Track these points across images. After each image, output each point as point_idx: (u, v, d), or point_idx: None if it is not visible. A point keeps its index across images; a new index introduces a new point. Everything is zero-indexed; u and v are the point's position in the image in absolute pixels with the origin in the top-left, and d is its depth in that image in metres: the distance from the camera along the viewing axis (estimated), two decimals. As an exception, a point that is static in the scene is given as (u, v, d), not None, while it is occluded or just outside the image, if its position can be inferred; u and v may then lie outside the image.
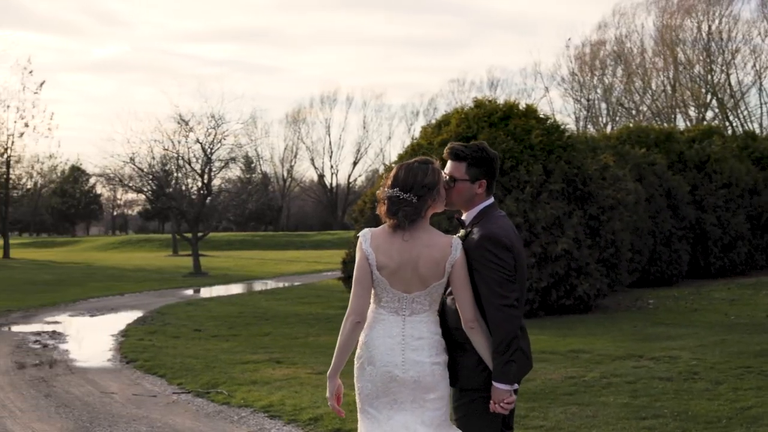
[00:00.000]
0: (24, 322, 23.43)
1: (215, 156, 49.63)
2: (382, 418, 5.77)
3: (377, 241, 5.77)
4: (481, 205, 5.93)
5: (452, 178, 5.90)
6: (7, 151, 71.61)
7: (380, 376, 5.74)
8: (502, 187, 21.93)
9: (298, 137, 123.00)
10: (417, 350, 5.72)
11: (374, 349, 5.76)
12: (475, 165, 5.91)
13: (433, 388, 5.74)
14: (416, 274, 5.70)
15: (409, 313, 5.76)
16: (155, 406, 12.25)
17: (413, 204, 5.70)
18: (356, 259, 5.83)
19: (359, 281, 5.77)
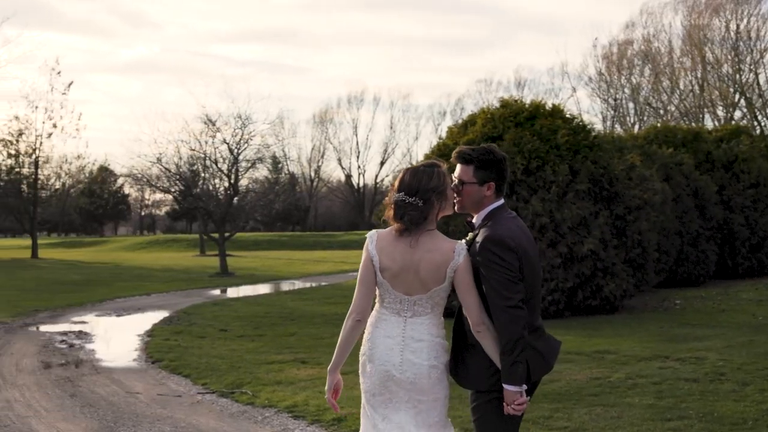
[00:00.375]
0: (51, 322, 23.49)
1: (242, 156, 49.68)
2: (377, 417, 5.88)
3: (382, 243, 5.85)
4: (489, 207, 5.95)
5: (461, 181, 5.96)
6: (35, 152, 71.95)
7: (378, 374, 5.83)
8: (528, 187, 21.85)
9: (326, 137, 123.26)
10: (416, 352, 5.80)
11: (374, 348, 5.86)
12: (483, 167, 5.95)
13: (428, 391, 5.82)
14: (417, 278, 5.77)
15: (410, 314, 5.85)
16: (180, 406, 12.26)
17: (419, 208, 5.75)
18: (362, 259, 5.90)
19: (362, 281, 5.87)
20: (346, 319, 5.90)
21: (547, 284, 21.19)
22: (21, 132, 72.06)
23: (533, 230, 21.17)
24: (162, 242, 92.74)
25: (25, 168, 73.19)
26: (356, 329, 5.90)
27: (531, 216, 21.26)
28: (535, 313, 5.91)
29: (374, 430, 5.88)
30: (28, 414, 11.87)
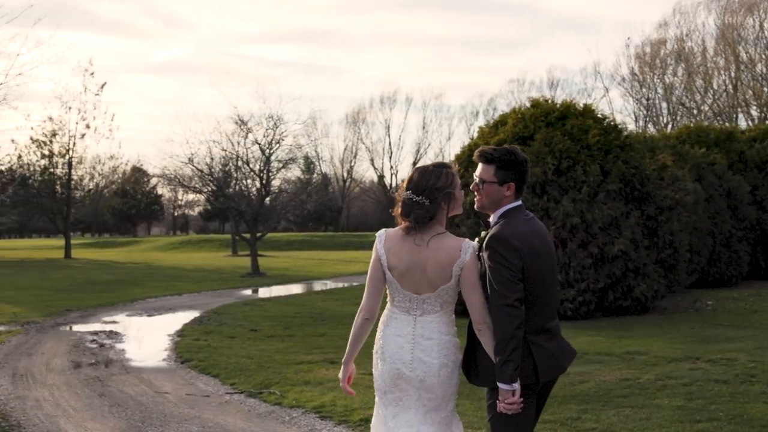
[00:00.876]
0: (82, 322, 23.56)
1: (274, 156, 49.74)
2: (387, 415, 6.02)
3: (390, 243, 5.99)
4: (505, 207, 6.04)
5: (481, 180, 6.05)
6: (69, 152, 72.30)
7: (389, 372, 5.97)
8: (559, 187, 21.77)
9: (358, 138, 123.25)
10: (426, 350, 5.92)
11: (385, 346, 6.01)
12: (504, 168, 6.02)
13: (437, 388, 5.94)
14: (425, 277, 5.90)
15: (420, 313, 5.97)
16: (207, 406, 12.27)
17: (425, 207, 5.87)
18: (371, 259, 6.05)
19: (372, 280, 6.04)
20: (356, 317, 6.11)
21: (577, 285, 21.12)
22: (55, 133, 72.51)
23: (564, 230, 21.13)
24: (194, 242, 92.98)
25: (58, 168, 73.61)
26: (365, 327, 6.09)
27: (562, 216, 21.19)
28: (545, 314, 6.00)
29: (384, 428, 6.02)
30: (56, 413, 11.91)
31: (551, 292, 6.08)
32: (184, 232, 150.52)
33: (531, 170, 21.57)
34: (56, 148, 72.89)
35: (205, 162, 49.91)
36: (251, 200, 49.41)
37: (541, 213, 21.42)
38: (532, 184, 21.66)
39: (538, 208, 21.46)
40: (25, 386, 13.93)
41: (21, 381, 14.39)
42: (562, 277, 21.06)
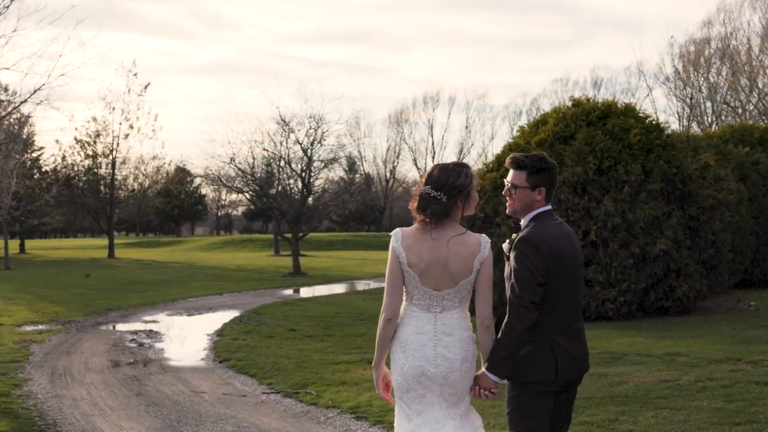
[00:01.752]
0: (122, 321, 23.68)
1: (316, 156, 49.77)
2: (411, 414, 6.04)
3: (408, 241, 6.03)
4: (536, 211, 6.23)
5: (513, 185, 6.24)
6: (112, 153, 72.72)
7: (412, 370, 5.98)
8: (600, 187, 21.59)
9: (401, 138, 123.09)
10: (448, 346, 5.98)
11: (407, 345, 6.01)
12: (535, 173, 6.20)
13: (458, 383, 6.01)
14: (446, 272, 5.95)
15: (440, 310, 6.02)
16: (244, 406, 12.25)
17: (442, 203, 5.98)
18: (388, 259, 6.13)
19: (391, 279, 6.07)
20: (379, 318, 6.13)
21: (618, 285, 20.94)
22: (98, 133, 73.02)
23: (605, 230, 20.97)
24: (237, 242, 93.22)
25: (102, 169, 74.05)
26: (389, 327, 6.07)
27: (603, 216, 21.03)
28: (570, 316, 6.16)
29: (410, 425, 6.04)
30: (93, 412, 11.93)
31: (577, 294, 6.23)
32: (227, 232, 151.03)
33: (572, 170, 21.46)
34: (100, 149, 73.41)
35: (247, 162, 50.02)
36: (293, 200, 49.43)
37: (581, 213, 21.27)
38: (573, 183, 21.50)
39: (579, 207, 21.31)
40: (63, 385, 13.98)
41: (59, 380, 14.45)
42: (603, 277, 20.89)
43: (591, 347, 15.91)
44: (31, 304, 28.45)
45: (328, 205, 53.27)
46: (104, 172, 74.31)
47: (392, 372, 6.15)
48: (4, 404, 12.29)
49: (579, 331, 6.25)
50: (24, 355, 17.21)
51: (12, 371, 15.19)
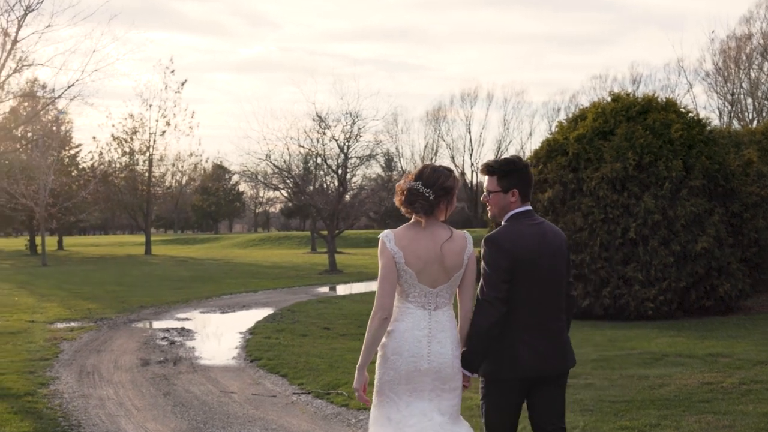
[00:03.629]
0: (155, 318, 23.50)
1: (352, 153, 49.52)
2: (401, 403, 6.15)
3: (402, 242, 6.17)
4: (512, 212, 6.44)
5: (488, 191, 6.50)
6: (149, 150, 72.80)
7: (406, 366, 6.13)
8: (640, 183, 21.19)
9: (439, 135, 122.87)
10: (441, 342, 6.17)
11: (402, 341, 6.14)
12: (505, 176, 6.44)
13: (450, 379, 6.21)
14: (443, 268, 6.16)
15: (434, 307, 6.21)
16: (273, 407, 11.95)
17: (429, 200, 6.18)
18: (381, 260, 6.19)
19: (386, 280, 6.13)
20: (372, 319, 6.13)
21: (658, 284, 20.56)
22: (135, 130, 73.13)
23: (645, 228, 20.60)
24: (274, 239, 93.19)
25: (139, 165, 74.18)
26: (383, 327, 6.14)
27: (643, 213, 20.64)
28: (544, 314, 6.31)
29: (398, 414, 6.14)
30: (118, 413, 11.66)
31: (552, 293, 6.37)
32: (265, 230, 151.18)
33: (611, 166, 21.13)
34: (137, 146, 73.61)
35: (283, 159, 49.83)
36: (329, 197, 49.16)
37: (621, 210, 20.90)
38: (612, 180, 21.14)
39: (618, 204, 20.93)
40: (90, 384, 13.74)
41: (87, 379, 14.21)
42: (643, 275, 20.52)
43: (630, 347, 15.61)
44: (65, 300, 28.32)
45: (365, 202, 52.99)
46: (141, 169, 74.51)
47: (383, 366, 6.22)
48: (29, 404, 12.04)
49: (554, 329, 6.38)
50: (54, 353, 17.00)
51: (40, 369, 14.96)
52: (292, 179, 49.60)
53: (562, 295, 6.45)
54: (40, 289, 33.66)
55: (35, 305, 26.64)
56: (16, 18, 28.33)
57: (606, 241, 20.92)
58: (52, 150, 56.66)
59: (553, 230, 6.49)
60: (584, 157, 21.81)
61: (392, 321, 6.19)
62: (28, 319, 22.74)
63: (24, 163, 48.59)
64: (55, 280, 39.10)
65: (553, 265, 6.34)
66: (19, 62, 31.07)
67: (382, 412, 6.23)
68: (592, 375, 13.27)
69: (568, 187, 21.79)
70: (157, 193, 76.27)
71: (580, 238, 21.09)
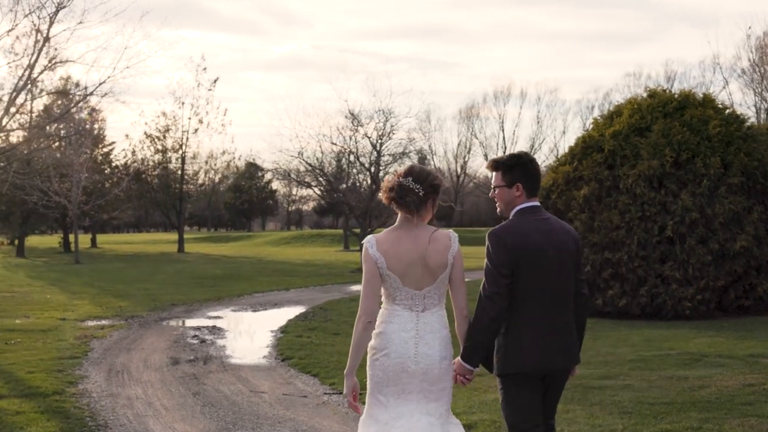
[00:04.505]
0: (186, 317, 23.39)
1: (385, 150, 49.32)
2: (390, 405, 6.24)
3: (384, 246, 6.25)
4: (517, 207, 6.45)
5: (494, 187, 6.56)
6: (182, 148, 72.86)
7: (393, 366, 6.20)
8: (677, 181, 20.86)
9: (472, 133, 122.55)
10: (429, 344, 6.23)
11: (389, 342, 6.21)
12: (509, 171, 6.47)
13: (438, 381, 6.26)
14: (426, 269, 6.22)
15: (421, 309, 6.27)
16: (304, 408, 11.72)
17: (419, 196, 6.22)
18: (365, 265, 6.25)
19: (369, 284, 6.21)
20: (357, 323, 6.22)
21: (696, 283, 20.24)
22: (168, 128, 73.22)
23: (682, 226, 20.29)
24: (307, 237, 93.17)
25: (172, 163, 74.26)
26: (368, 331, 6.23)
27: (680, 211, 20.32)
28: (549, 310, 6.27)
29: (386, 414, 6.22)
30: (146, 413, 11.45)
31: (558, 289, 6.33)
32: (298, 228, 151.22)
33: (648, 162, 20.85)
34: (170, 143, 73.68)
35: (316, 157, 49.68)
36: (362, 195, 48.95)
37: (658, 207, 20.58)
38: (649, 177, 20.83)
39: (655, 202, 20.62)
40: (119, 383, 13.55)
41: (116, 378, 14.03)
42: (680, 274, 20.22)
43: (668, 347, 15.29)
44: (96, 298, 28.24)
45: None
46: (174, 166, 74.60)
47: (372, 367, 6.30)
48: (56, 403, 11.84)
49: (560, 325, 6.35)
50: (83, 351, 16.85)
51: (69, 368, 14.80)
52: (324, 177, 49.46)
53: (569, 292, 6.43)
54: (72, 286, 33.62)
55: (66, 303, 26.56)
56: (48, 15, 28.19)
57: (643, 239, 20.61)
58: (86, 148, 56.69)
59: (562, 226, 6.51)
60: (620, 154, 21.51)
61: (382, 322, 6.29)
62: (59, 316, 22.64)
63: (57, 161, 48.57)
64: (87, 278, 39.07)
65: (559, 261, 6.34)
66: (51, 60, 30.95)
67: (370, 413, 6.35)
68: (629, 376, 13.00)
69: (604, 185, 21.50)
70: (189, 190, 76.40)
71: (616, 237, 20.80)
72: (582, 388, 11.98)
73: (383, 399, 6.26)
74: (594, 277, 20.99)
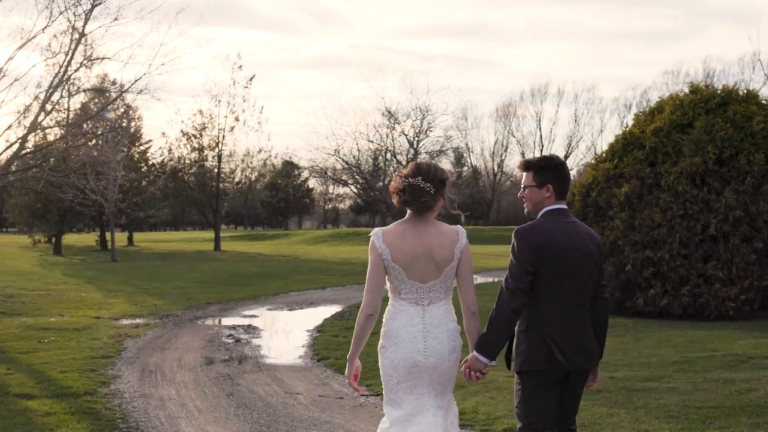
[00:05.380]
0: (221, 315, 23.22)
1: (422, 148, 49.12)
2: (402, 402, 6.31)
3: (390, 238, 6.33)
4: (546, 209, 6.53)
5: (524, 187, 6.63)
6: (218, 146, 72.87)
7: (403, 362, 6.31)
8: (720, 178, 20.48)
9: (509, 131, 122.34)
10: (437, 338, 6.33)
11: (397, 338, 6.34)
12: (540, 172, 6.54)
13: (446, 373, 6.37)
14: (432, 263, 6.31)
15: (427, 302, 6.36)
16: (340, 410, 11.46)
17: (431, 194, 6.31)
18: (370, 257, 6.38)
19: (373, 277, 6.34)
20: (359, 314, 6.40)
21: (740, 282, 19.87)
22: (204, 126, 73.24)
23: (726, 224, 19.94)
24: (343, 236, 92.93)
25: (208, 161, 74.30)
26: (369, 323, 6.39)
27: (723, 209, 19.94)
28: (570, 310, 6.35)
29: (400, 412, 6.28)
30: (179, 414, 11.21)
31: (579, 291, 6.38)
32: (334, 226, 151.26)
33: (690, 160, 20.50)
34: (206, 142, 73.68)
35: (352, 155, 49.53)
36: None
37: (700, 205, 20.22)
38: (691, 174, 20.47)
39: (698, 200, 20.25)
40: (152, 383, 13.34)
41: (149, 378, 13.82)
42: (724, 273, 19.85)
43: (712, 349, 14.94)
44: (132, 296, 28.10)
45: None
46: (210, 165, 74.64)
47: (382, 366, 6.43)
48: (87, 404, 11.62)
49: (579, 326, 6.40)
50: (117, 350, 16.66)
51: (102, 367, 14.60)
52: (361, 175, 49.32)
53: (589, 295, 6.48)
54: (108, 284, 33.50)
55: (102, 301, 26.43)
56: (83, 12, 28.10)
57: (685, 237, 20.25)
58: (123, 146, 56.76)
59: (587, 231, 6.59)
60: (662, 151, 21.15)
61: (388, 320, 6.44)
62: (94, 315, 22.50)
63: (94, 159, 48.56)
64: (123, 276, 38.99)
65: (582, 263, 6.40)
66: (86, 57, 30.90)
67: (386, 411, 6.42)
68: (674, 378, 12.65)
69: (645, 182, 21.15)
70: (226, 189, 76.38)
71: (658, 235, 20.45)
72: (626, 390, 11.67)
73: (396, 397, 6.35)
74: (635, 276, 20.68)
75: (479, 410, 10.89)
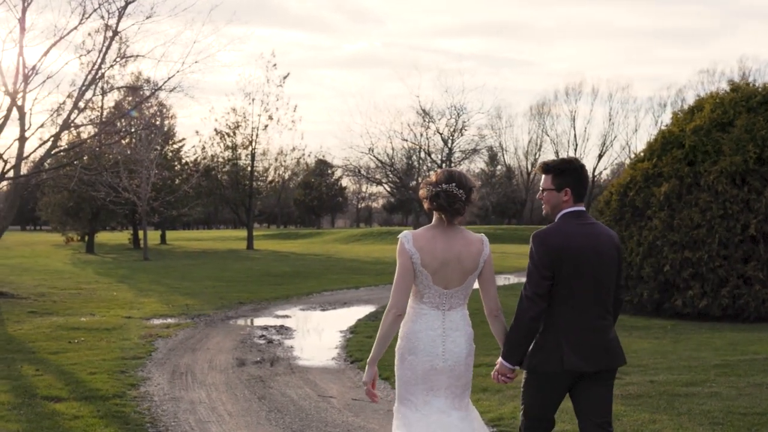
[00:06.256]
0: (253, 315, 23.03)
1: (456, 147, 48.91)
2: (419, 404, 6.41)
3: (420, 243, 6.35)
4: (564, 211, 6.59)
5: (542, 189, 6.68)
6: (252, 144, 72.83)
7: (421, 365, 6.39)
8: (761, 178, 20.16)
9: (543, 130, 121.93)
10: (455, 341, 6.42)
11: (417, 341, 6.39)
12: (559, 175, 6.60)
13: (463, 376, 6.48)
14: (459, 268, 6.37)
15: (448, 307, 6.42)
16: (374, 414, 11.19)
17: (463, 201, 6.33)
18: (399, 260, 6.35)
19: (402, 279, 6.33)
20: (386, 315, 6.38)
21: (778, 283, 19.57)
22: (238, 124, 73.27)
23: (766, 224, 19.59)
24: (376, 234, 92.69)
25: (242, 160, 74.28)
26: (396, 323, 6.39)
27: (764, 209, 19.64)
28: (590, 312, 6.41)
29: (417, 414, 6.39)
30: (209, 418, 10.98)
31: (598, 293, 6.43)
32: (367, 225, 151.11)
33: (730, 159, 20.23)
34: (239, 140, 73.64)
35: (386, 153, 49.34)
36: (432, 192, 48.57)
37: (740, 205, 19.90)
38: (731, 173, 20.15)
39: (738, 199, 19.92)
40: (182, 386, 13.12)
41: (179, 380, 13.60)
42: (764, 274, 19.51)
43: (753, 351, 14.60)
44: (163, 296, 27.93)
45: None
46: (244, 163, 74.60)
47: (401, 367, 6.48)
48: (116, 407, 11.39)
49: (600, 327, 6.46)
50: (147, 351, 16.45)
51: (131, 369, 14.39)
52: (394, 173, 49.11)
53: (609, 296, 6.55)
54: (140, 283, 33.36)
55: (133, 300, 26.26)
56: (117, 9, 28.05)
57: (725, 238, 19.93)
58: (156, 144, 56.74)
59: (606, 232, 6.62)
60: (701, 150, 20.83)
61: (406, 323, 6.45)
62: (125, 314, 22.31)
63: (127, 157, 48.51)
64: (155, 275, 38.86)
65: (601, 265, 6.45)
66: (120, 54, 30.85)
67: (401, 413, 6.50)
68: (716, 383, 12.31)
69: (685, 182, 20.84)
70: (259, 187, 76.35)
71: (697, 235, 20.13)
72: (667, 395, 11.36)
73: (413, 399, 6.44)
74: (673, 277, 20.39)
75: (517, 416, 10.57)
